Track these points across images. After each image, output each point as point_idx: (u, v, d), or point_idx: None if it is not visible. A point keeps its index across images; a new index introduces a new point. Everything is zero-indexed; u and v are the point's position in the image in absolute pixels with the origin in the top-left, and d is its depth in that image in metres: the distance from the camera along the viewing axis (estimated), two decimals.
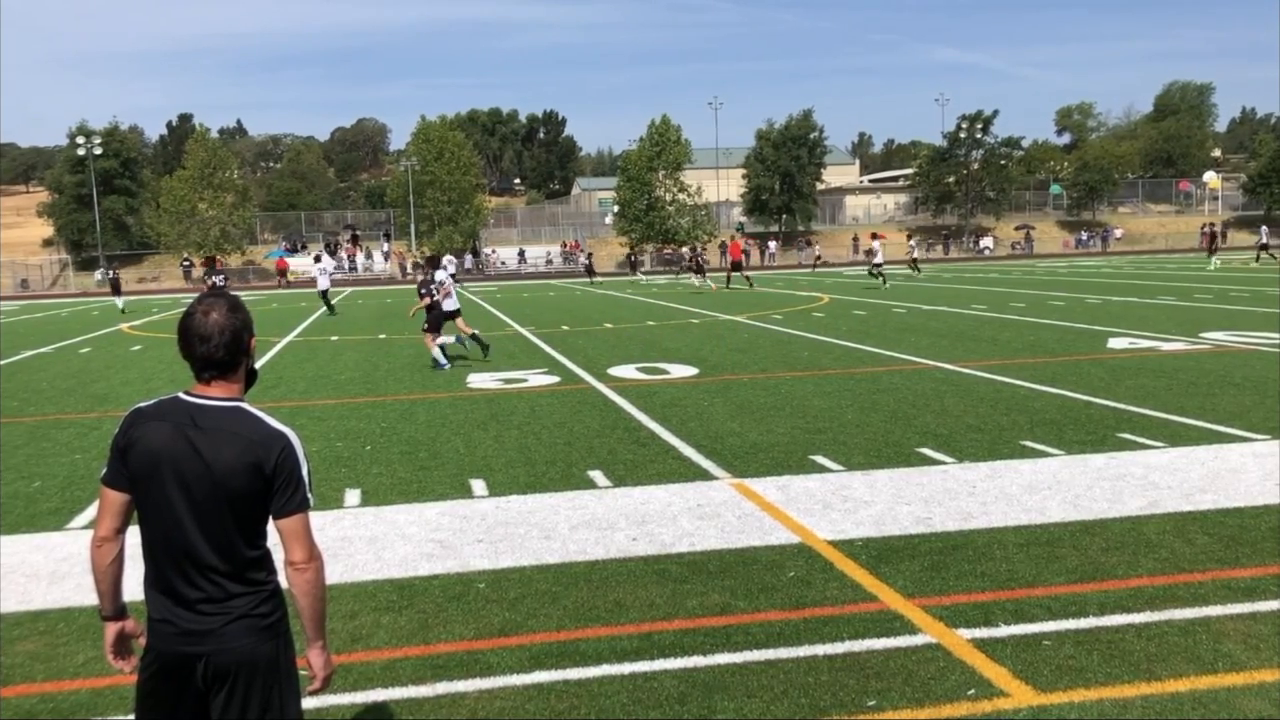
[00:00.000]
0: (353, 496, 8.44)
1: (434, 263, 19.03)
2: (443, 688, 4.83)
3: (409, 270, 70.22)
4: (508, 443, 10.45)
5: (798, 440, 10.09)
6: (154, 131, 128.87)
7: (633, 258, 64.74)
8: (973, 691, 4.60)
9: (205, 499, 2.89)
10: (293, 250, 78.36)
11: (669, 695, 4.66)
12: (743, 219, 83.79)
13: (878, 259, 37.35)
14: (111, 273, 45.87)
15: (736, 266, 41.05)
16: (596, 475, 8.90)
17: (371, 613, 5.80)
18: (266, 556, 3.03)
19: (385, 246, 79.46)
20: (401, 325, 27.14)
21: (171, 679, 2.93)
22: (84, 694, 4.88)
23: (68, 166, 79.94)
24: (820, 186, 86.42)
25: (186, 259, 71.46)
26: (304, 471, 3.01)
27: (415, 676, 4.95)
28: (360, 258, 76.65)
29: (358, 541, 7.17)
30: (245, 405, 3.04)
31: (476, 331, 18.06)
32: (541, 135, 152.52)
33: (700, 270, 41.97)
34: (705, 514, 7.59)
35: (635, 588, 6.08)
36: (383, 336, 23.94)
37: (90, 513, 8.17)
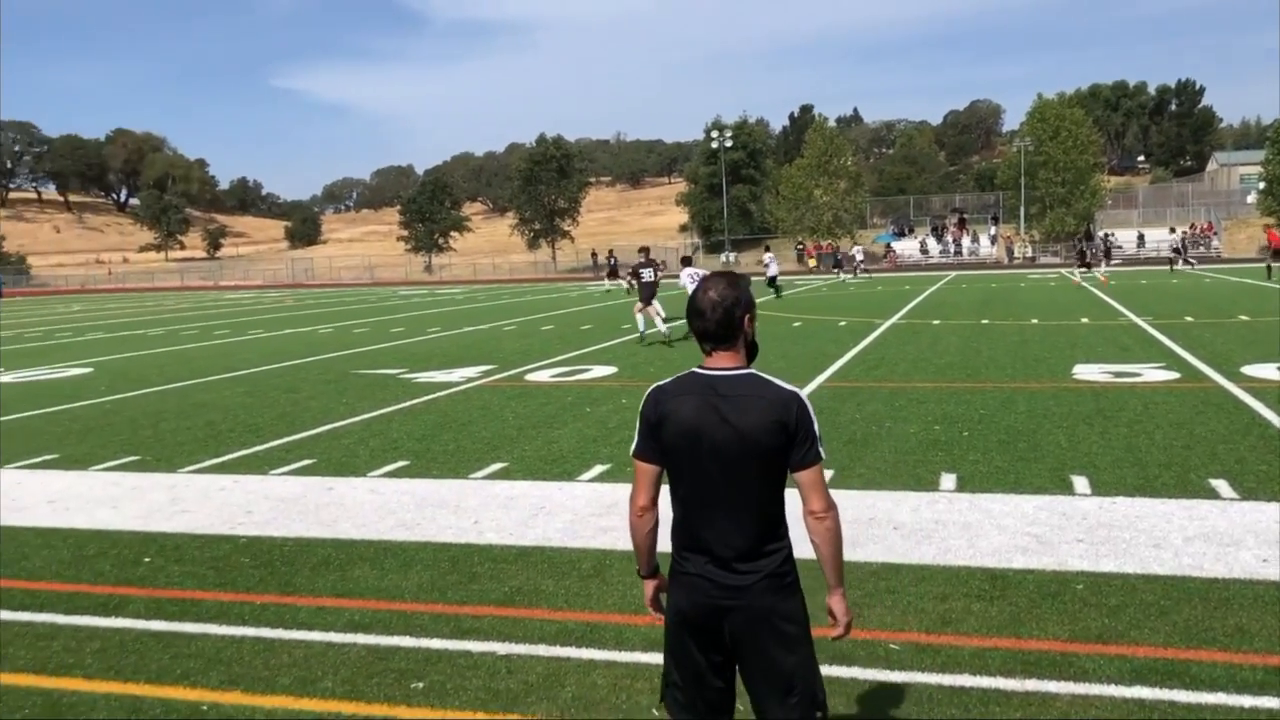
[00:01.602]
0: (948, 481, 8.45)
1: (686, 261, 23.35)
2: (1032, 685, 4.69)
3: (1015, 254, 68.20)
4: (1114, 440, 9.79)
5: None
6: (777, 123, 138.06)
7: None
8: None
9: (736, 461, 3.12)
10: (900, 234, 79.73)
11: None
12: None
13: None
14: (611, 258, 49.30)
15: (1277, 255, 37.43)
16: (1220, 484, 8.03)
17: (962, 598, 5.79)
18: (784, 516, 3.27)
19: (992, 230, 77.81)
20: (1005, 311, 26.49)
21: (704, 629, 3.21)
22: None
23: (702, 159, 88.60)
24: None
25: (800, 243, 75.76)
26: (816, 427, 3.19)
27: (1004, 669, 4.87)
28: (966, 241, 75.83)
29: (951, 526, 7.18)
30: (756, 371, 3.23)
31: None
32: (1173, 107, 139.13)
33: None
34: None
35: (1262, 614, 5.41)
36: (985, 322, 23.53)
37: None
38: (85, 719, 4.67)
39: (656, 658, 5.10)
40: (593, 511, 7.86)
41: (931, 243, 75.83)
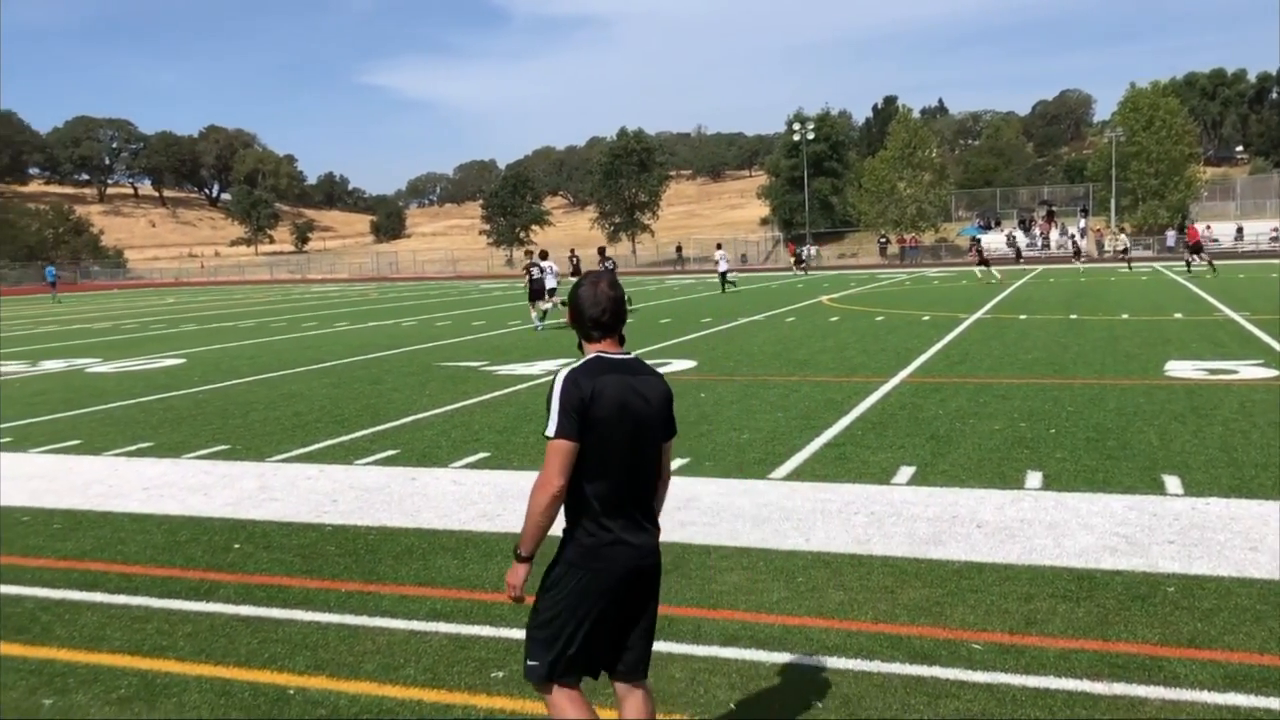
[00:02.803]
0: (1034, 479, 8.28)
1: (543, 256, 25.99)
2: (1120, 689, 4.58)
3: (1106, 248, 66.57)
4: (1209, 439, 9.50)
5: None
6: (860, 115, 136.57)
7: None
8: None
9: (651, 431, 3.58)
10: (986, 227, 78.32)
11: None
12: None
13: None
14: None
15: None
16: None
17: (1047, 599, 5.67)
18: None
19: (1081, 223, 76.03)
20: (1094, 306, 25.89)
21: (620, 591, 3.54)
22: (776, 629, 5.41)
23: (784, 151, 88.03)
24: None
25: (883, 236, 74.85)
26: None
27: (1091, 671, 4.76)
28: (1055, 234, 74.20)
29: (1036, 525, 7.04)
30: (635, 354, 3.68)
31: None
32: (1275, 95, 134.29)
33: None
34: None
35: None
36: (1074, 317, 23.01)
37: (789, 466, 8.99)
38: (178, 700, 4.81)
39: (736, 652, 5.09)
40: (671, 505, 7.85)
41: (1019, 236, 74.36)
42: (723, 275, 39.87)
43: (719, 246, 44.48)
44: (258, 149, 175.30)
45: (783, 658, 5.04)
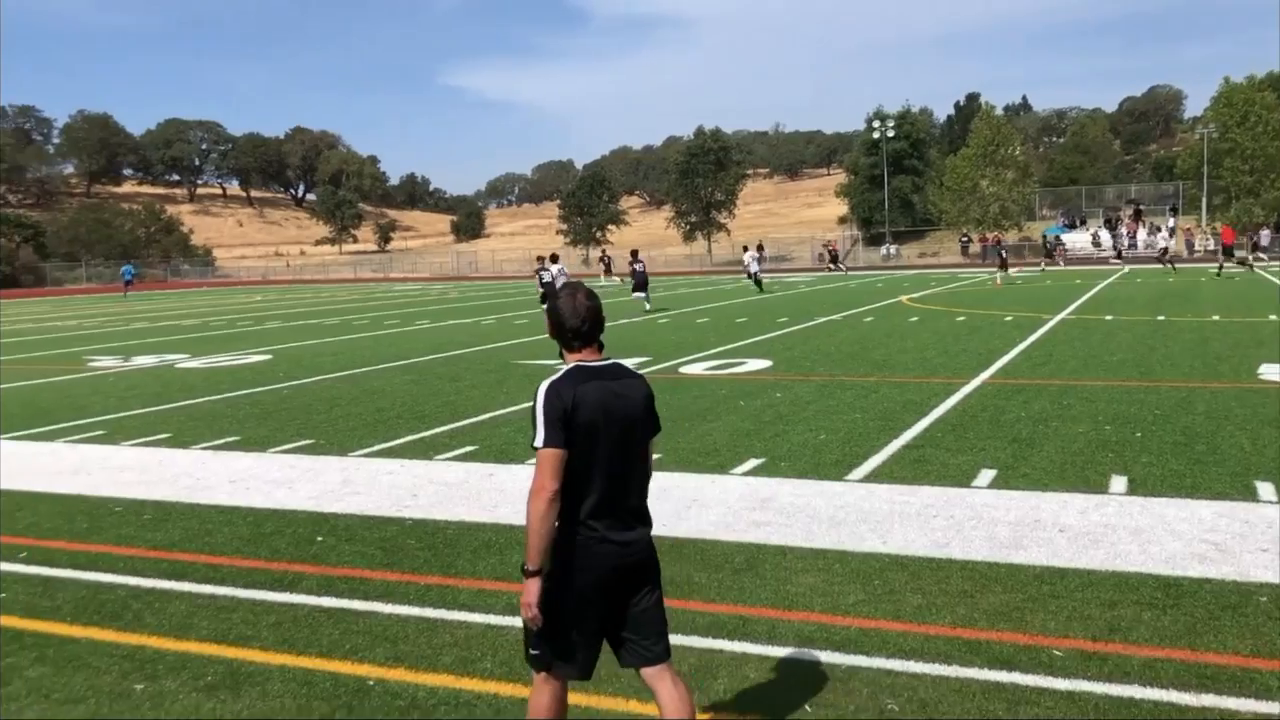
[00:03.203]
0: (1118, 483, 8.09)
1: (554, 259, 28.78)
2: (1210, 700, 4.46)
3: (1196, 248, 64.84)
4: None
5: None
6: (941, 112, 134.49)
7: None
8: None
9: (634, 432, 3.72)
10: (1070, 226, 76.65)
11: None
12: None
13: None
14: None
15: None
16: None
17: (1132, 606, 5.54)
18: None
19: (1171, 222, 73.97)
20: (1184, 307, 25.20)
21: (612, 589, 3.68)
22: (852, 631, 5.36)
23: (863, 149, 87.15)
24: None
25: (965, 235, 73.70)
26: None
27: (1178, 682, 4.64)
28: (1142, 234, 72.30)
29: (1121, 530, 6.88)
30: (616, 359, 3.83)
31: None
32: None
33: None
34: None
35: None
36: (1161, 318, 22.42)
37: (867, 468, 8.91)
38: (261, 689, 4.93)
39: (813, 653, 5.07)
40: (746, 506, 7.85)
41: (1104, 235, 72.64)
42: (753, 276, 40.09)
43: (745, 249, 44.97)
44: (342, 150, 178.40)
45: (858, 660, 5.00)
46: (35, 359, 22.39)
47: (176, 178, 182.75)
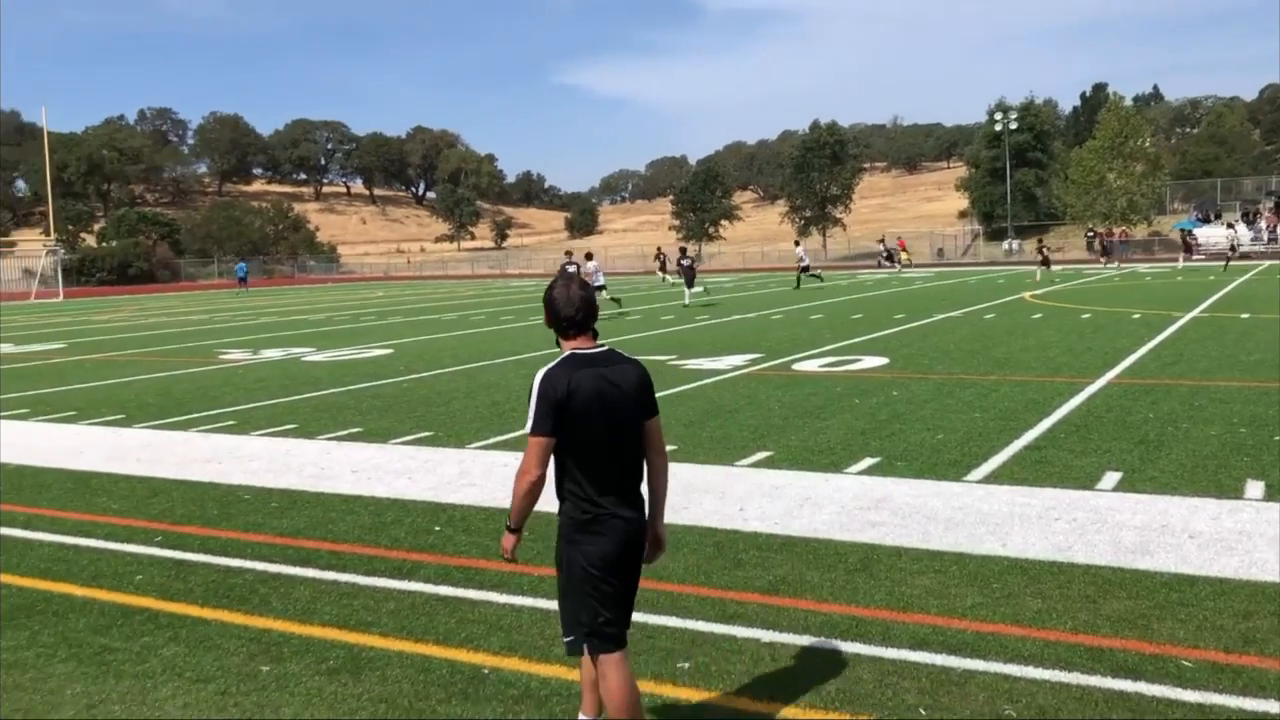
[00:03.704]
0: (1254, 488, 7.75)
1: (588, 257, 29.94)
2: None
3: None
4: None
5: None
6: (1067, 104, 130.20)
7: None
8: None
9: (628, 416, 3.92)
10: (1204, 220, 73.54)
11: None
12: None
13: None
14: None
15: None
16: None
17: (1269, 617, 5.30)
18: None
19: None
20: None
21: (624, 563, 3.91)
22: (969, 634, 5.25)
23: (984, 142, 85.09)
24: None
25: (1090, 230, 71.40)
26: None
27: None
28: None
29: (1257, 538, 6.58)
30: (609, 346, 4.03)
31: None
32: None
33: None
34: None
35: None
36: None
37: (986, 469, 8.71)
38: (380, 674, 5.06)
39: (925, 656, 4.98)
40: (860, 505, 7.75)
41: (1241, 229, 69.49)
42: (805, 269, 40.80)
43: (797, 243, 44.94)
44: (461, 149, 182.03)
45: (975, 664, 4.89)
46: (169, 351, 23.37)
47: (303, 176, 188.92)
